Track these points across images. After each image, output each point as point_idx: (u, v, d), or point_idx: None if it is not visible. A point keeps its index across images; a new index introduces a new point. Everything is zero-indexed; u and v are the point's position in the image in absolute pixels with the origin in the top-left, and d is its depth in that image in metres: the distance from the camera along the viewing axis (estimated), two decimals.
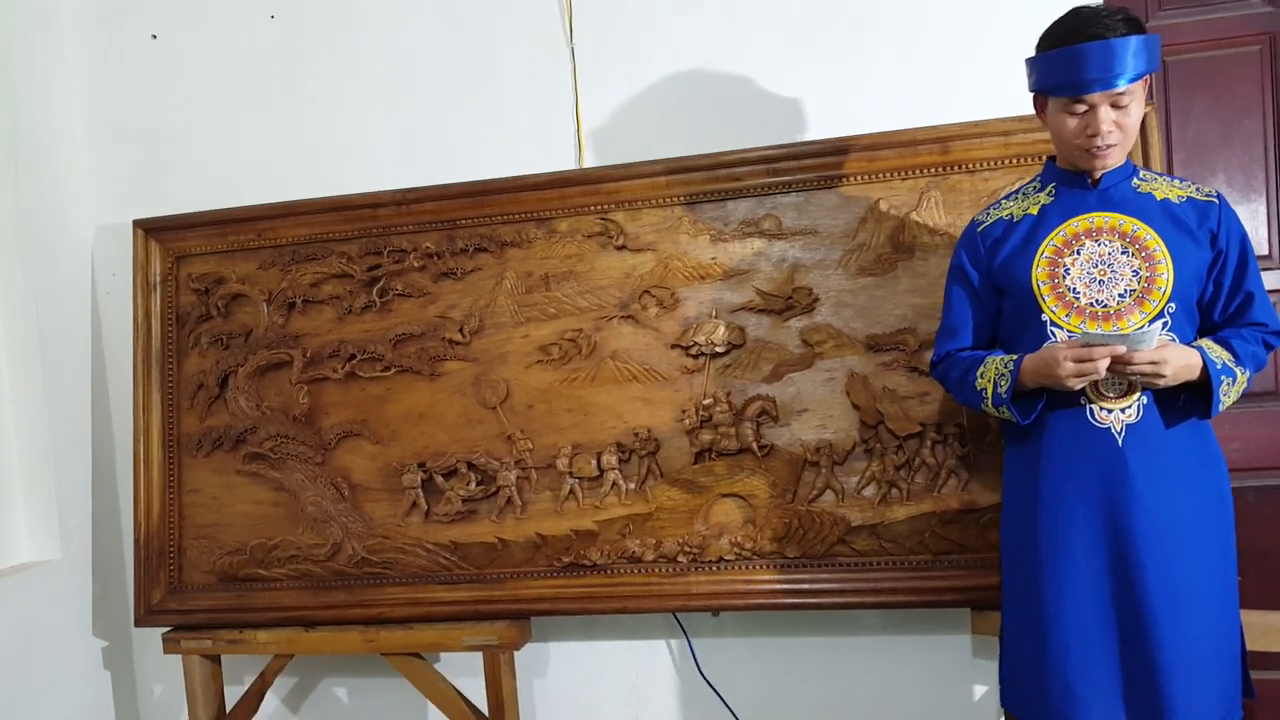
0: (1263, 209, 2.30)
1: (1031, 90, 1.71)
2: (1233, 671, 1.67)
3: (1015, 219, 1.76)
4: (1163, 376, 1.55)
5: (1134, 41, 1.55)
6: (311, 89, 2.59)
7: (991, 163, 2.12)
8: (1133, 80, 1.58)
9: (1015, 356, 1.68)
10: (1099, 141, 1.61)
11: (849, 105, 2.31)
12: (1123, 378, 1.60)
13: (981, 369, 1.73)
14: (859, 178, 2.18)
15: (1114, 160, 1.66)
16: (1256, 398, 2.28)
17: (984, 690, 2.33)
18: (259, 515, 2.45)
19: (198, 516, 2.48)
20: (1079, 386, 1.60)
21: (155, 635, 2.49)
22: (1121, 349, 1.53)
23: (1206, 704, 1.62)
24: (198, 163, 2.64)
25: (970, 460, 2.12)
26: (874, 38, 2.31)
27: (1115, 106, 1.60)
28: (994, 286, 1.79)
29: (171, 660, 2.52)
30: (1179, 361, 1.57)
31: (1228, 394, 1.61)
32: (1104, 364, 1.54)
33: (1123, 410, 1.63)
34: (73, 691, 2.52)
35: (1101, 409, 1.63)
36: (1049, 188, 1.75)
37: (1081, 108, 1.61)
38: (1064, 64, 1.59)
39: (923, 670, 2.34)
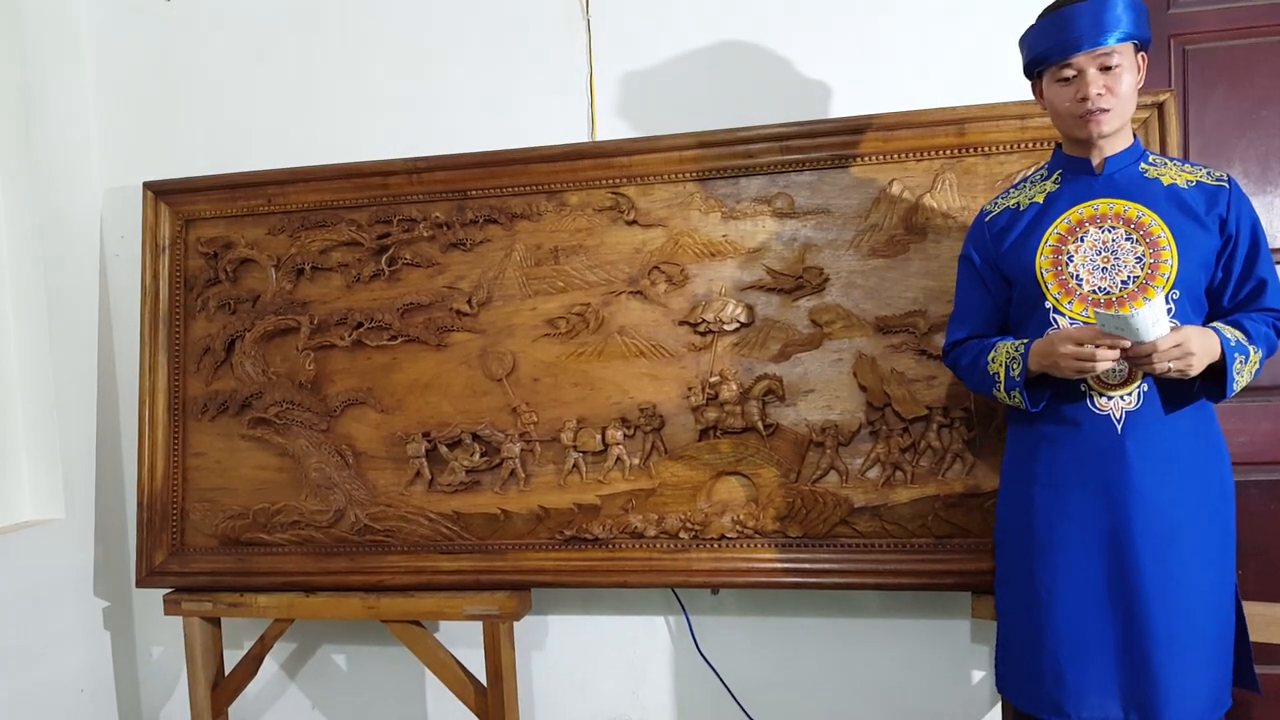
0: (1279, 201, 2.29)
1: (1026, 70, 1.72)
2: (1224, 662, 1.66)
3: (1021, 207, 1.76)
4: (1192, 355, 1.51)
5: (1119, 1, 1.58)
6: (324, 55, 2.58)
7: (1007, 146, 2.11)
8: (1120, 41, 1.59)
9: (1026, 340, 1.68)
10: (1090, 105, 1.61)
11: (864, 85, 2.30)
12: (1145, 366, 1.54)
13: (993, 353, 1.73)
14: (873, 158, 2.17)
15: (1109, 127, 1.64)
16: (1264, 391, 2.26)
17: (982, 675, 2.33)
18: (263, 480, 2.46)
19: (201, 480, 2.49)
20: (1076, 377, 1.60)
21: (156, 597, 2.50)
22: (1126, 342, 1.51)
23: (1197, 694, 1.61)
24: (209, 126, 2.64)
25: (976, 445, 2.11)
26: (892, 17, 2.29)
27: (1104, 71, 1.61)
28: (1001, 275, 1.78)
29: (171, 622, 2.54)
30: (1198, 339, 1.53)
31: (1241, 373, 1.58)
32: (1104, 365, 1.54)
33: (1123, 397, 1.62)
34: (73, 651, 2.53)
35: (1102, 396, 1.63)
36: (1055, 175, 1.75)
37: (1071, 73, 1.62)
38: (1051, 28, 1.63)
39: (921, 653, 2.34)
